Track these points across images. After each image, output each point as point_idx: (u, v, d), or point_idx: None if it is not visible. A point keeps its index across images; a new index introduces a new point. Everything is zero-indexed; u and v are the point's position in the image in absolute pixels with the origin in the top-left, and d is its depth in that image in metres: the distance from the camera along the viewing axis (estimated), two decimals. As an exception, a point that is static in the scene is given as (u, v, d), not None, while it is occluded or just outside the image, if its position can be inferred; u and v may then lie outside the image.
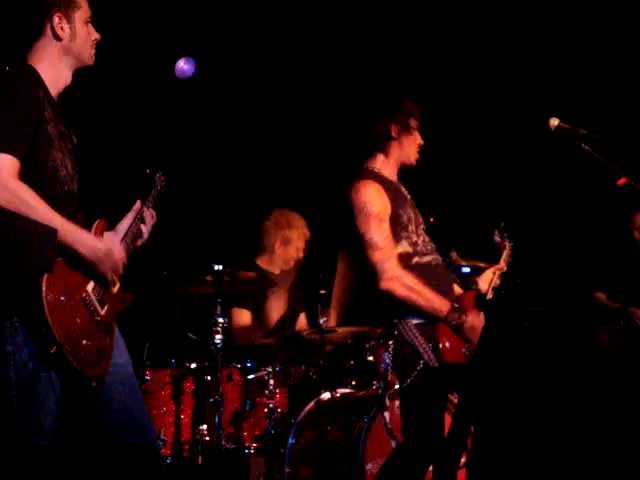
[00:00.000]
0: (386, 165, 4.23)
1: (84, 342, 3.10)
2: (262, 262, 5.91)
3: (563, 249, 6.41)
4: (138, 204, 3.48)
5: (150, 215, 3.50)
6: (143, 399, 3.50)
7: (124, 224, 3.42)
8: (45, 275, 3.00)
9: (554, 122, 4.03)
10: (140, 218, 3.45)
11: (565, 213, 6.54)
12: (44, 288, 2.99)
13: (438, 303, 4.02)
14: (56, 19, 3.28)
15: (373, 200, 4.07)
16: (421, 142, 4.28)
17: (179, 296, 5.62)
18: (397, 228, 4.09)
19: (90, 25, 3.37)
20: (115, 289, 3.33)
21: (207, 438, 4.96)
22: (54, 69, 3.29)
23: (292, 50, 6.70)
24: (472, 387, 3.84)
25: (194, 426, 5.06)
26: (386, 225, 4.05)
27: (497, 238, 4.66)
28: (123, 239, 3.35)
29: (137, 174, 3.73)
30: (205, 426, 4.98)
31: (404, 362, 4.00)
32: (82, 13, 3.33)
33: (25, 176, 3.07)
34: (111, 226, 3.39)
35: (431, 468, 4.00)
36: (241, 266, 5.49)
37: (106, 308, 3.26)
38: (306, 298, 5.93)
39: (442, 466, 3.96)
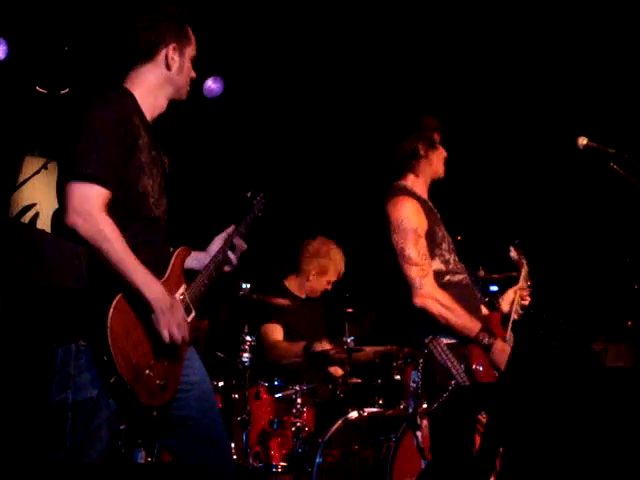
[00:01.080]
0: (417, 183, 4.23)
1: (147, 372, 3.08)
2: (290, 284, 5.92)
3: (591, 268, 6.37)
4: (231, 229, 3.49)
5: (240, 244, 3.48)
6: (221, 415, 3.47)
7: (213, 248, 3.43)
8: (113, 304, 2.99)
9: (582, 141, 4.02)
10: (231, 245, 3.45)
11: (594, 232, 6.51)
12: (110, 317, 2.97)
13: (470, 323, 4.01)
14: (171, 49, 3.32)
15: (411, 215, 4.07)
16: (446, 154, 4.30)
17: (209, 314, 5.63)
18: (432, 245, 4.08)
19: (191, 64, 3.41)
20: (190, 318, 3.26)
21: (235, 457, 4.96)
22: (153, 96, 3.31)
23: (320, 75, 6.72)
24: (501, 407, 3.82)
25: (222, 445, 5.05)
26: (423, 241, 4.05)
27: (514, 255, 4.64)
28: (205, 270, 3.35)
29: (236, 197, 3.74)
30: (233, 444, 4.97)
31: (435, 381, 3.98)
32: (191, 50, 3.39)
33: (113, 202, 3.06)
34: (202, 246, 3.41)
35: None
36: (269, 286, 5.50)
37: None
38: (333, 316, 5.92)
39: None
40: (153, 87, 3.32)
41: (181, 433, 3.30)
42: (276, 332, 5.69)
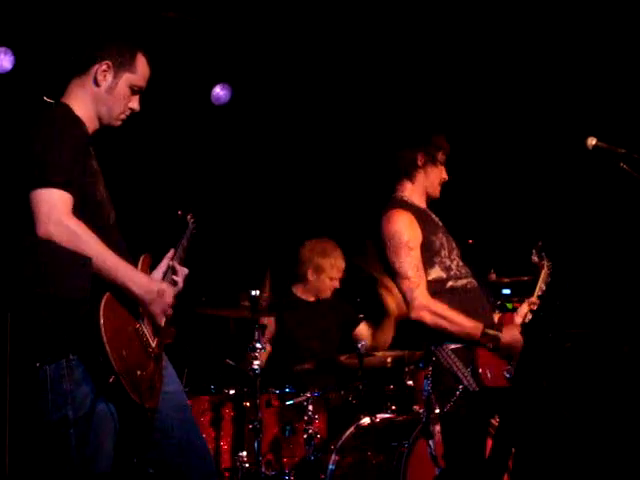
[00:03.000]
0: (414, 192, 4.27)
1: (139, 373, 3.10)
2: (297, 290, 5.93)
3: (603, 270, 6.32)
4: (171, 253, 3.47)
5: (181, 270, 3.44)
6: (197, 424, 3.50)
7: (158, 272, 3.40)
8: (102, 304, 3.00)
9: (592, 141, 3.98)
10: (172, 269, 3.43)
11: (604, 233, 6.46)
12: (102, 316, 2.98)
13: (470, 326, 4.03)
14: (104, 66, 3.32)
15: (403, 229, 4.12)
16: (445, 177, 4.34)
17: (217, 322, 5.62)
18: (429, 254, 4.12)
19: (136, 97, 3.40)
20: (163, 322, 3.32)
21: (247, 465, 4.93)
22: (85, 110, 3.31)
23: (326, 81, 6.71)
24: (513, 409, 3.80)
25: (234, 453, 5.04)
26: (416, 253, 4.09)
27: (535, 258, 4.64)
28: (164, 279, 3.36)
29: (169, 216, 3.73)
30: (245, 453, 4.95)
31: (444, 387, 4.00)
32: (133, 79, 3.36)
33: (76, 211, 3.07)
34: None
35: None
36: (278, 293, 5.49)
37: (156, 340, 3.27)
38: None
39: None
40: (85, 102, 3.31)
41: (163, 444, 3.29)
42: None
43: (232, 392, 5.16)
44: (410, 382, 5.29)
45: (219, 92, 6.73)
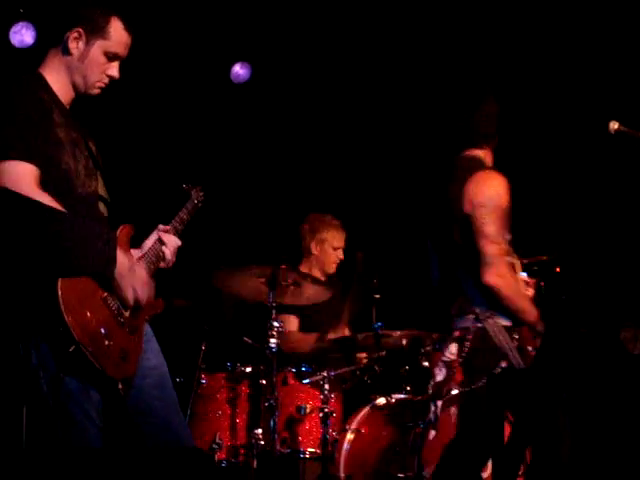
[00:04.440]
0: (487, 157, 4.16)
1: (106, 342, 3.07)
2: (304, 268, 5.91)
3: (620, 255, 6.30)
4: (162, 226, 3.45)
5: (170, 241, 3.42)
6: (177, 400, 3.45)
7: (147, 244, 3.39)
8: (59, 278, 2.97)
9: (614, 125, 3.96)
10: (160, 240, 3.40)
11: (623, 218, 6.43)
12: (60, 287, 2.95)
13: (531, 308, 3.97)
14: (75, 34, 3.27)
15: (504, 194, 3.99)
16: None
17: (234, 298, 5.62)
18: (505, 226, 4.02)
19: (114, 62, 3.34)
20: None
21: (262, 442, 4.94)
22: (61, 82, 3.28)
23: (346, 60, 6.68)
24: (531, 396, 3.78)
25: (249, 430, 5.05)
26: (505, 222, 3.99)
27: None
28: (143, 258, 3.32)
29: (174, 189, 3.72)
30: (260, 430, 4.96)
31: (479, 364, 3.92)
32: (106, 45, 3.30)
33: (40, 182, 3.05)
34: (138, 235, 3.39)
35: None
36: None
37: (130, 310, 3.22)
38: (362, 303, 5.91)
39: (500, 477, 3.90)
40: (60, 72, 3.28)
41: (141, 423, 3.28)
42: (290, 323, 5.68)
43: (249, 370, 5.17)
44: (426, 363, 5.29)
45: (238, 70, 6.71)
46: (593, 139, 5.05)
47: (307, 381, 5.18)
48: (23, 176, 3.01)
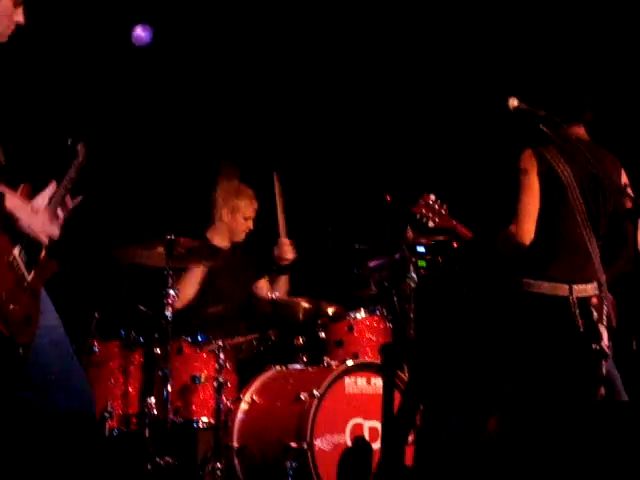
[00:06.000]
0: None
1: (11, 307, 3.05)
2: (212, 235, 5.86)
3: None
4: (53, 185, 3.38)
5: (68, 201, 3.39)
6: (78, 361, 3.46)
7: (36, 204, 3.29)
8: None
9: (513, 102, 4.01)
10: (59, 200, 3.35)
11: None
12: None
13: None
14: None
15: None
16: None
17: (130, 267, 5.54)
18: None
19: (20, 8, 3.28)
20: (41, 255, 3.27)
21: (155, 411, 4.90)
22: None
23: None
24: (421, 362, 3.84)
25: (142, 399, 5.00)
26: None
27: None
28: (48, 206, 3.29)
29: (58, 144, 3.63)
30: (153, 399, 4.92)
31: None
32: None
33: None
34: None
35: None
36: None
37: (33, 273, 3.21)
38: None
39: (390, 443, 3.95)
40: None
41: (39, 383, 3.25)
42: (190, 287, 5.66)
43: (142, 338, 5.11)
44: (322, 334, 5.32)
45: (140, 33, 6.59)
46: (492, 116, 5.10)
47: (202, 350, 5.14)
48: None
